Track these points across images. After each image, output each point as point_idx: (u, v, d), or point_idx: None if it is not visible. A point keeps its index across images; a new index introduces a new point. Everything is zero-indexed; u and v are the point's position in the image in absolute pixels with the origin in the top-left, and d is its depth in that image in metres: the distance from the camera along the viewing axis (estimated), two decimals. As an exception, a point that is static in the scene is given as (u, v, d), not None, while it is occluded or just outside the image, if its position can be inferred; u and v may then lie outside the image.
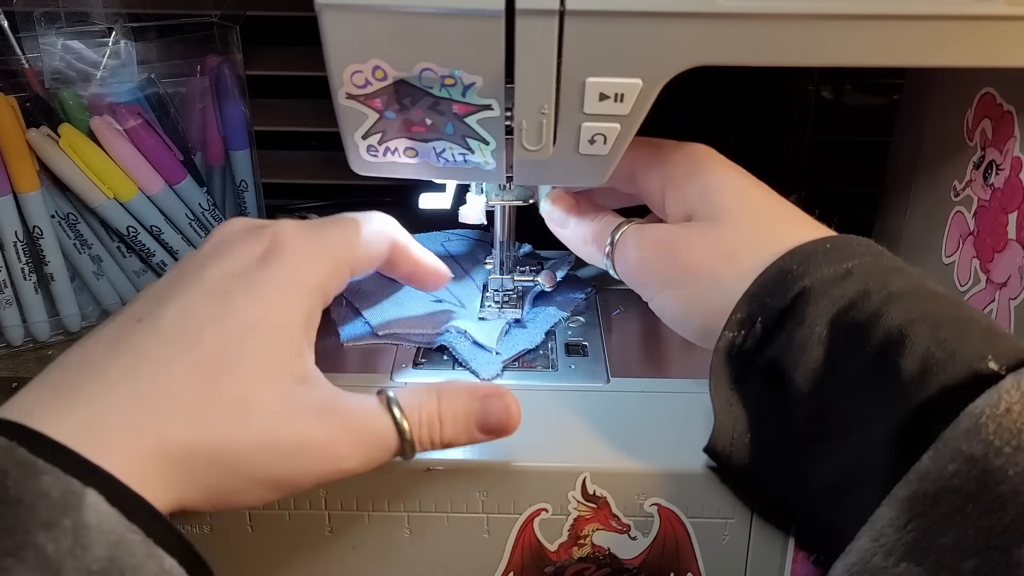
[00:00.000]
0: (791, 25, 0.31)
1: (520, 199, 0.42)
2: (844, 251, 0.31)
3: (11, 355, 0.54)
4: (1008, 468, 0.23)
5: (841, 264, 0.31)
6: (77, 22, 0.51)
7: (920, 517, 0.24)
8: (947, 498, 0.24)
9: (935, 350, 0.27)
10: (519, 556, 0.36)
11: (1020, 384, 0.24)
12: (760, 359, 0.32)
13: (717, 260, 0.34)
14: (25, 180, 0.50)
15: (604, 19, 0.31)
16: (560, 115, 0.34)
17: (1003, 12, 0.30)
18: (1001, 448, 0.23)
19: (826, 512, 0.30)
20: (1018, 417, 0.23)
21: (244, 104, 0.58)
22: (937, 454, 0.24)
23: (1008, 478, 0.23)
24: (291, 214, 0.70)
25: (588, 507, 0.35)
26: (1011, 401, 0.24)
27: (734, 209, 0.34)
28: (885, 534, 0.25)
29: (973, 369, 0.26)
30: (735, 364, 0.33)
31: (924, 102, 0.46)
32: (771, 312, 0.31)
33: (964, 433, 0.24)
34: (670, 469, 0.35)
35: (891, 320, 0.28)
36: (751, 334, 0.32)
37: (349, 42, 0.32)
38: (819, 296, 0.30)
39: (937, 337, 0.27)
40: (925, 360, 0.27)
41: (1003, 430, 0.23)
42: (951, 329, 0.27)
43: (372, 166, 0.37)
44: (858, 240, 0.32)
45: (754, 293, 0.32)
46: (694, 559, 0.36)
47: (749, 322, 0.32)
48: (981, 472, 0.23)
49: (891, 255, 0.32)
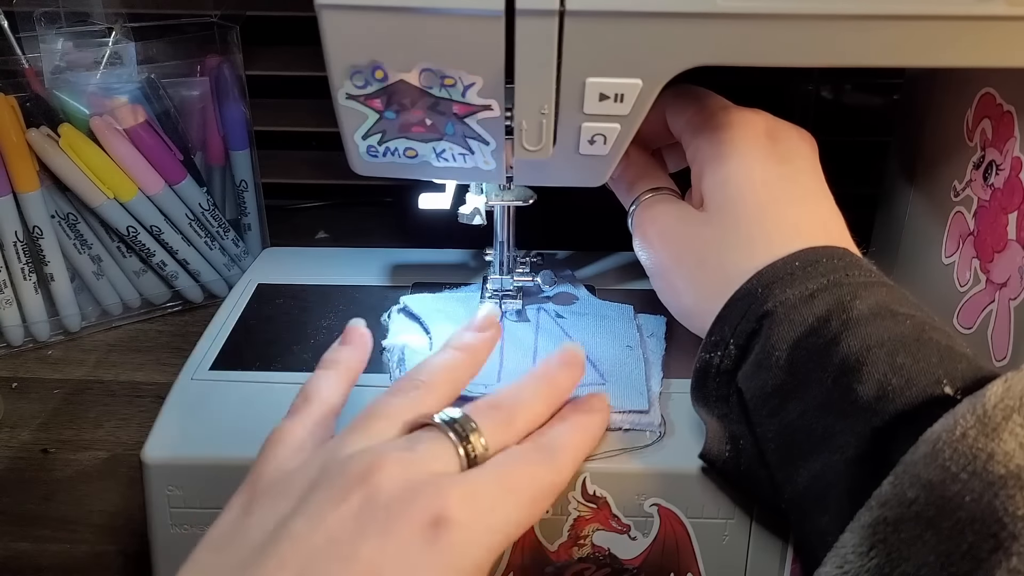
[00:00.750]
0: (791, 25, 0.31)
1: (520, 199, 0.42)
2: (812, 270, 0.31)
3: (11, 355, 0.55)
4: (965, 495, 0.23)
5: (806, 284, 0.31)
6: (77, 22, 0.51)
7: (882, 544, 0.24)
8: (907, 525, 0.24)
9: (891, 376, 0.27)
10: (519, 556, 0.36)
11: (975, 408, 0.24)
12: (738, 379, 0.33)
13: (694, 260, 0.35)
14: (25, 180, 0.50)
15: (604, 19, 0.31)
16: (560, 115, 0.34)
17: (1003, 12, 0.30)
18: (957, 474, 0.23)
19: (798, 527, 0.31)
20: (973, 443, 0.24)
21: (244, 104, 0.58)
22: (897, 480, 0.25)
23: (965, 504, 0.23)
24: (291, 214, 0.70)
25: (588, 507, 0.35)
26: (966, 426, 0.24)
27: (728, 208, 0.35)
28: (849, 561, 0.25)
29: (928, 394, 0.27)
30: (715, 383, 0.33)
31: (924, 102, 0.46)
32: (740, 335, 0.32)
33: (922, 459, 0.24)
34: (670, 469, 0.35)
35: (848, 347, 0.29)
36: (726, 355, 0.33)
37: (349, 42, 0.32)
38: (780, 321, 0.31)
39: (893, 363, 0.28)
40: (882, 387, 0.27)
41: (959, 455, 0.24)
42: (907, 355, 0.28)
43: (372, 166, 0.37)
44: (829, 254, 0.32)
45: (724, 316, 0.33)
46: (694, 559, 0.36)
47: (723, 344, 0.33)
48: (939, 499, 0.23)
49: (864, 266, 0.32)
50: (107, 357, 0.54)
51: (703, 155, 0.37)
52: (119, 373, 0.53)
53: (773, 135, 0.36)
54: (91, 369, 0.53)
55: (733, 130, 0.36)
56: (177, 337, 0.56)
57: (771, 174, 0.35)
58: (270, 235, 0.63)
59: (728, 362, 0.33)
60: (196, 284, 0.59)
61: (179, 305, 0.60)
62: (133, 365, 0.53)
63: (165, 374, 0.52)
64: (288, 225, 0.68)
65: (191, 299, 0.59)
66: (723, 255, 0.34)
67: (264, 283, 0.50)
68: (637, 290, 0.48)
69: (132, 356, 0.54)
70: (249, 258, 0.61)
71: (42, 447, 0.46)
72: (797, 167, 0.36)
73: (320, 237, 0.68)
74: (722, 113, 0.37)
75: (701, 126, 0.37)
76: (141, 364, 0.53)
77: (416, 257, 0.51)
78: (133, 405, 0.50)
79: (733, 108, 0.37)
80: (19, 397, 0.51)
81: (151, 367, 0.53)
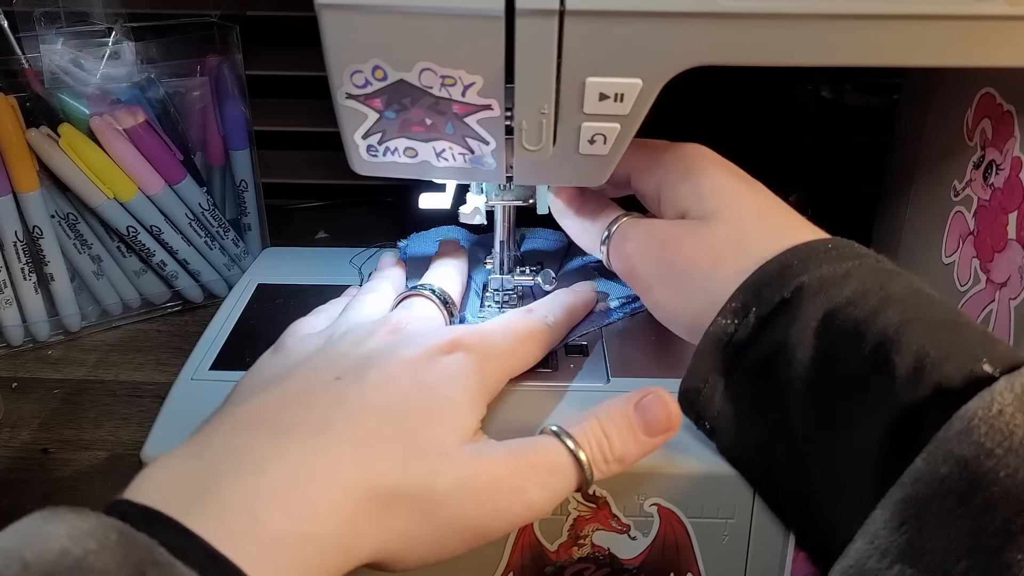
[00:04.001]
0: (791, 25, 0.31)
1: (520, 199, 0.42)
2: (844, 252, 0.31)
3: (11, 355, 0.55)
4: (999, 470, 0.23)
5: (840, 264, 0.31)
6: (77, 22, 0.51)
7: (913, 519, 0.24)
8: (940, 500, 0.24)
9: (930, 348, 0.27)
10: (519, 556, 0.36)
11: (1013, 386, 0.24)
12: (751, 353, 0.32)
13: (706, 260, 0.34)
14: (25, 180, 0.50)
15: (604, 19, 0.31)
16: (560, 115, 0.34)
17: (1003, 12, 0.30)
18: (992, 450, 0.23)
19: (821, 507, 0.30)
20: (1010, 419, 0.23)
21: (244, 104, 0.58)
22: (930, 456, 0.25)
23: (999, 480, 0.23)
24: (291, 214, 0.70)
25: (588, 507, 0.35)
26: (1004, 403, 0.24)
27: (725, 211, 0.35)
28: (880, 536, 0.25)
29: (968, 370, 0.26)
30: (725, 354, 0.33)
31: (924, 102, 0.46)
32: (766, 304, 0.31)
33: (956, 435, 0.24)
34: (670, 469, 0.35)
35: (887, 319, 0.28)
36: (744, 324, 0.32)
37: (349, 42, 0.32)
38: (816, 292, 0.30)
39: (933, 337, 0.27)
40: (920, 358, 0.27)
41: (995, 432, 0.23)
42: (947, 331, 0.27)
43: (372, 166, 0.37)
44: (858, 244, 0.33)
45: (751, 284, 0.32)
46: (694, 559, 0.36)
47: (744, 311, 0.32)
48: (972, 474, 0.23)
49: (889, 261, 0.32)
50: (107, 357, 0.54)
51: (674, 175, 0.37)
52: (119, 373, 0.53)
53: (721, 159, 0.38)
54: (91, 369, 0.53)
55: (692, 149, 0.38)
56: (177, 337, 0.56)
57: (749, 183, 0.36)
58: (270, 235, 0.63)
59: (744, 332, 0.32)
60: (196, 284, 0.59)
61: (179, 305, 0.60)
62: (133, 365, 0.53)
63: (165, 374, 0.52)
64: (288, 225, 0.68)
65: (191, 299, 0.60)
66: (724, 252, 0.34)
67: (264, 283, 0.50)
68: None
69: (132, 356, 0.54)
70: (249, 258, 0.61)
71: (42, 447, 0.46)
72: (760, 185, 0.37)
73: (320, 237, 0.68)
74: (666, 144, 0.38)
75: (656, 156, 0.38)
76: (141, 364, 0.53)
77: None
78: (133, 405, 0.50)
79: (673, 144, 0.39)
80: (19, 397, 0.51)
81: (151, 367, 0.53)
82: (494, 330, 0.36)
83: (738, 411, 0.33)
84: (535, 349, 0.38)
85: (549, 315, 0.39)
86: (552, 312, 0.40)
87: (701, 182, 0.36)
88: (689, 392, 0.35)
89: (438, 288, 0.40)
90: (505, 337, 0.36)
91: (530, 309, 0.40)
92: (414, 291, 0.40)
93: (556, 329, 0.39)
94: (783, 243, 0.32)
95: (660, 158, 0.38)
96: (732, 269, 0.33)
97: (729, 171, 0.36)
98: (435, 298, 0.40)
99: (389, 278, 0.44)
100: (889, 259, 0.32)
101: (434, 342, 0.33)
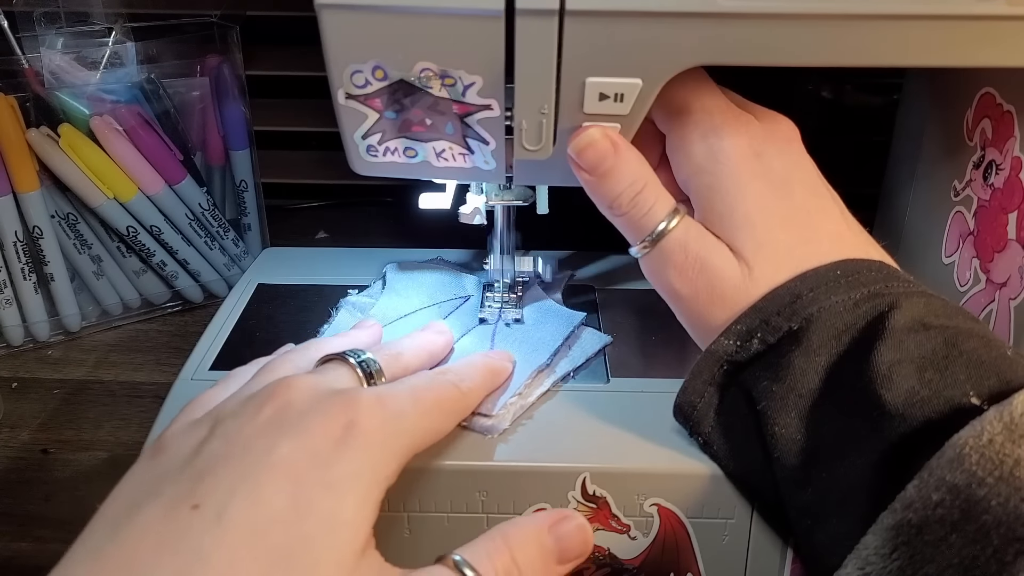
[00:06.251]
0: (791, 25, 0.31)
1: (520, 199, 0.42)
2: (854, 279, 0.32)
3: (11, 355, 0.55)
4: (991, 499, 0.23)
5: (850, 293, 0.31)
6: (77, 22, 0.51)
7: (905, 546, 0.25)
8: (932, 527, 0.24)
9: (919, 388, 0.28)
10: (519, 556, 0.36)
11: (1002, 416, 0.25)
12: (749, 374, 0.33)
13: (743, 303, 0.33)
14: (25, 180, 0.50)
15: (604, 19, 0.31)
16: (560, 115, 0.34)
17: (1003, 12, 0.30)
18: (984, 479, 0.24)
19: (805, 531, 0.31)
20: (1000, 448, 0.24)
21: (244, 104, 0.58)
22: (922, 483, 0.25)
23: (991, 508, 0.23)
24: (291, 214, 0.70)
25: (588, 507, 0.35)
26: (993, 432, 0.24)
27: (760, 261, 0.33)
28: (871, 562, 0.25)
29: (955, 404, 0.27)
30: (722, 369, 0.34)
31: (924, 102, 0.46)
32: (774, 332, 0.32)
33: (948, 463, 0.24)
34: (670, 469, 0.35)
35: (881, 357, 0.29)
36: (746, 347, 0.33)
37: (349, 42, 0.32)
38: (824, 325, 0.31)
39: (922, 378, 0.28)
40: (909, 396, 0.28)
41: (986, 460, 0.24)
42: (935, 371, 0.28)
43: (372, 166, 0.37)
44: (868, 265, 0.33)
45: (760, 308, 0.32)
46: (694, 559, 0.36)
47: (748, 335, 0.32)
48: (965, 502, 0.24)
49: (902, 276, 0.33)
50: (107, 357, 0.54)
51: (706, 178, 0.35)
52: (119, 373, 0.53)
53: (759, 153, 0.35)
54: (91, 369, 0.53)
55: (733, 152, 0.35)
56: (177, 337, 0.56)
57: (783, 201, 0.34)
58: (270, 235, 0.63)
59: (743, 355, 0.33)
60: (196, 284, 0.59)
61: (179, 305, 0.60)
62: (133, 365, 0.53)
63: (165, 374, 0.52)
64: (288, 225, 0.68)
65: (191, 299, 0.59)
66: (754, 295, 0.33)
67: (264, 283, 0.50)
68: (638, 290, 0.48)
69: (132, 356, 0.54)
70: (249, 258, 0.61)
71: (42, 447, 0.46)
72: (794, 186, 0.35)
73: (320, 237, 0.68)
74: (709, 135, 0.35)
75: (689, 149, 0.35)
76: (141, 364, 0.53)
77: (416, 257, 0.51)
78: (133, 405, 0.50)
79: (712, 132, 0.35)
80: (19, 397, 0.51)
81: (151, 367, 0.53)
82: (400, 401, 0.31)
83: (732, 429, 0.34)
84: (446, 421, 0.33)
85: (464, 380, 0.35)
86: (467, 377, 0.35)
87: (735, 207, 0.34)
88: (684, 406, 0.35)
89: (369, 357, 0.34)
90: (413, 410, 0.31)
91: (443, 371, 0.35)
92: (337, 355, 0.34)
93: (469, 396, 0.35)
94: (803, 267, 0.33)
95: (690, 151, 0.35)
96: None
97: (764, 184, 0.34)
98: (356, 366, 0.33)
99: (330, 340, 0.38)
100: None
101: (323, 429, 0.28)
